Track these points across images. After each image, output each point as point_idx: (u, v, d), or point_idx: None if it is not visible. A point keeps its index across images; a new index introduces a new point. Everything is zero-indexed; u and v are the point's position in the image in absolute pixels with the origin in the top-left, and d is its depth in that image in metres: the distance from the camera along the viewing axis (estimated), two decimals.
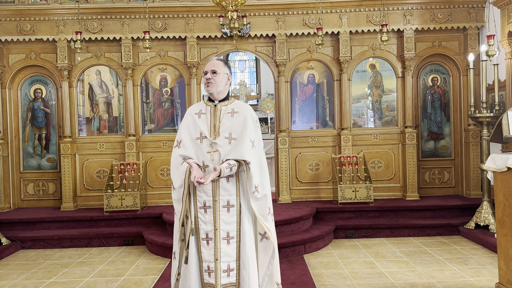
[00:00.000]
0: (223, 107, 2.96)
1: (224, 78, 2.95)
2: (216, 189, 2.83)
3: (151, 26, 6.81)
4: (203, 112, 2.96)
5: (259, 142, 2.96)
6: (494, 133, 4.22)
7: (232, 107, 2.97)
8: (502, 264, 3.56)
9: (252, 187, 2.81)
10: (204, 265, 2.85)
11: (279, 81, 7.02)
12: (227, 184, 2.84)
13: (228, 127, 2.87)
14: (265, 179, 2.91)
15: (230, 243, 2.84)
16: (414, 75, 7.05)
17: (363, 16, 6.84)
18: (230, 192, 2.85)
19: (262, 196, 2.86)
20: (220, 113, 2.94)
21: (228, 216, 2.84)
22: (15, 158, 7.06)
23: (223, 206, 2.84)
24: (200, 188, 2.83)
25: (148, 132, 7.10)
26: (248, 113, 2.94)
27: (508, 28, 5.82)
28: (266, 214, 2.89)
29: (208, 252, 2.84)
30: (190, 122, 2.93)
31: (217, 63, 2.96)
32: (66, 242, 5.92)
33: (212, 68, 2.92)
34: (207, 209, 2.84)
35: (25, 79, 7.08)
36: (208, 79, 2.90)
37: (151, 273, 4.74)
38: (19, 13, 6.72)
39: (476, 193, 6.76)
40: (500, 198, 3.57)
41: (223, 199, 2.84)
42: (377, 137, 7.01)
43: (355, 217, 6.28)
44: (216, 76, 2.90)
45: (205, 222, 2.84)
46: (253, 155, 2.81)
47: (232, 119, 2.90)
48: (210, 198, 2.84)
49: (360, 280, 4.32)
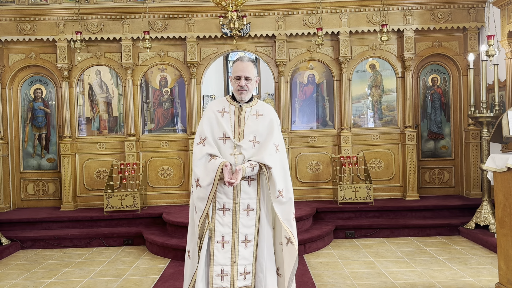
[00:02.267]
0: (248, 108, 2.88)
1: (255, 82, 2.88)
2: (237, 191, 2.78)
3: (151, 26, 6.81)
4: (226, 111, 2.87)
5: (283, 146, 2.91)
6: (494, 133, 4.22)
7: (257, 108, 2.91)
8: (502, 264, 3.56)
9: (276, 191, 2.76)
10: (216, 269, 2.77)
11: (279, 81, 7.02)
12: (248, 187, 2.80)
13: (253, 130, 2.81)
14: (289, 183, 2.85)
15: (248, 246, 2.80)
16: (414, 75, 7.05)
17: (363, 16, 6.84)
18: (250, 195, 2.81)
19: (287, 200, 2.81)
20: (244, 114, 2.86)
21: (247, 219, 2.80)
22: (15, 158, 7.06)
23: (243, 209, 2.80)
24: (221, 189, 2.76)
25: (148, 132, 7.10)
26: (273, 116, 2.91)
27: (508, 28, 5.82)
28: (290, 219, 2.84)
29: (223, 255, 2.77)
30: (213, 120, 2.83)
31: (249, 68, 2.82)
32: (66, 242, 5.91)
33: (246, 74, 2.80)
34: (225, 211, 2.79)
35: (25, 79, 7.08)
36: (242, 87, 2.80)
37: (151, 273, 4.74)
38: (19, 13, 6.72)
39: (476, 193, 6.76)
40: (500, 198, 3.57)
41: (243, 202, 2.80)
42: (377, 137, 7.01)
43: (355, 217, 6.28)
44: (250, 82, 2.82)
45: (223, 225, 2.78)
46: (275, 159, 2.76)
47: (257, 122, 2.84)
48: (230, 200, 2.79)
49: (360, 280, 4.32)
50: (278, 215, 2.80)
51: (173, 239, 5.38)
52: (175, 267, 4.90)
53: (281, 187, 2.77)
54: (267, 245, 2.84)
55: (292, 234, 2.83)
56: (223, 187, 2.76)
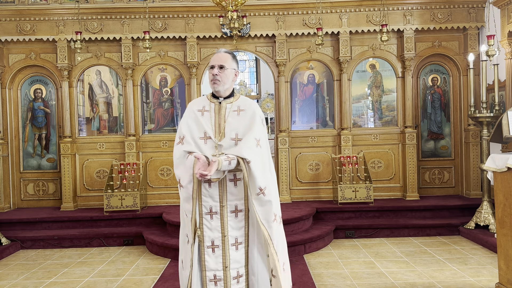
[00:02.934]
0: (228, 105, 2.73)
1: (231, 74, 2.71)
2: (223, 194, 2.67)
3: (151, 26, 6.81)
4: (207, 109, 2.74)
5: (265, 142, 2.73)
6: (494, 133, 4.22)
7: (238, 104, 2.75)
8: (502, 264, 3.56)
9: (256, 188, 2.58)
10: (209, 274, 2.68)
11: (279, 81, 7.02)
12: (234, 188, 2.68)
13: (234, 127, 2.67)
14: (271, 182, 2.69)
15: (239, 249, 2.70)
16: (414, 75, 7.04)
17: (363, 16, 6.84)
18: (237, 196, 2.69)
19: (269, 200, 2.63)
20: (225, 111, 2.72)
21: (236, 221, 2.69)
22: (15, 158, 7.06)
23: (231, 212, 2.68)
24: (206, 193, 2.65)
25: (148, 132, 7.10)
26: (256, 110, 2.73)
27: (508, 28, 5.82)
28: (270, 221, 2.66)
29: (215, 260, 2.67)
30: (192, 119, 2.72)
31: (225, 57, 2.70)
32: (66, 242, 5.91)
33: (220, 62, 2.67)
34: (213, 215, 2.67)
35: (25, 79, 7.08)
36: (214, 76, 2.66)
37: (151, 273, 4.74)
38: (19, 13, 6.72)
39: (476, 193, 6.76)
40: (500, 198, 3.57)
41: (230, 204, 2.68)
42: (377, 137, 7.01)
43: (355, 217, 6.28)
44: (224, 72, 2.66)
45: (211, 229, 2.67)
46: (255, 153, 2.59)
47: (239, 118, 2.69)
48: (217, 203, 2.67)
49: (360, 280, 4.32)
50: (258, 215, 2.62)
51: (173, 239, 5.38)
52: (175, 267, 4.89)
53: (262, 184, 2.59)
54: (257, 246, 2.73)
55: (270, 237, 2.64)
56: (208, 190, 2.64)
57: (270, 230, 2.65)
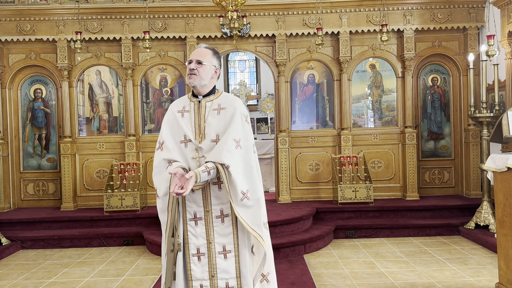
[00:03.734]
0: (208, 103, 2.56)
1: (210, 70, 2.54)
2: (207, 198, 2.51)
3: (151, 26, 6.81)
4: (187, 109, 2.57)
5: (247, 140, 2.51)
6: (494, 133, 4.22)
7: (219, 102, 2.57)
8: (502, 264, 3.56)
9: (238, 193, 2.40)
10: (195, 284, 2.52)
11: (279, 81, 7.02)
12: (219, 191, 2.50)
13: (214, 127, 2.50)
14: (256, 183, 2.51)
15: (228, 257, 2.51)
16: (414, 75, 7.04)
17: (363, 16, 6.84)
18: (223, 200, 2.50)
19: (254, 202, 2.46)
20: (205, 110, 2.55)
21: (223, 227, 2.51)
22: (15, 158, 7.06)
23: (216, 217, 2.51)
24: (189, 198, 2.50)
25: (148, 132, 7.10)
26: (238, 107, 2.53)
27: (508, 28, 5.82)
28: (261, 225, 2.48)
29: (200, 269, 2.51)
30: (172, 122, 2.56)
31: (204, 52, 2.55)
32: (66, 242, 5.91)
33: (198, 57, 2.52)
34: (198, 221, 2.51)
35: (25, 79, 7.08)
36: (191, 70, 2.50)
37: (151, 273, 4.74)
38: (19, 13, 6.72)
39: (476, 193, 6.75)
40: (500, 198, 3.57)
41: (215, 208, 2.51)
42: (377, 137, 7.01)
43: (355, 217, 6.28)
44: (202, 67, 2.51)
45: (196, 236, 2.51)
46: (235, 157, 2.41)
47: (219, 118, 2.52)
48: (201, 208, 2.51)
49: (360, 280, 4.32)
50: (245, 222, 2.42)
51: None
52: None
53: (244, 188, 2.42)
54: (249, 254, 2.53)
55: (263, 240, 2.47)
56: (191, 195, 2.49)
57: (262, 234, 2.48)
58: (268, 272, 2.60)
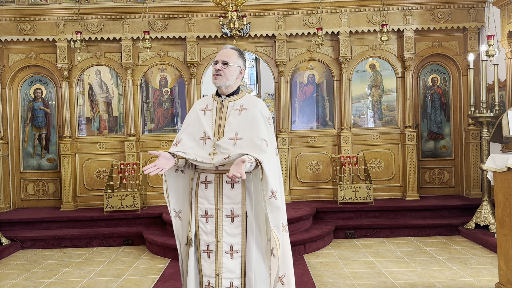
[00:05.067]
0: (230, 103, 2.62)
1: (236, 71, 2.60)
2: (219, 196, 2.54)
3: (151, 26, 6.81)
4: (209, 108, 2.64)
5: (272, 143, 2.58)
6: (494, 133, 4.22)
7: (241, 102, 2.61)
8: (502, 264, 3.56)
9: (268, 191, 2.41)
10: (204, 280, 2.57)
11: (279, 81, 7.02)
12: (231, 191, 2.53)
13: (234, 126, 2.54)
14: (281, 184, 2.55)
15: (234, 257, 2.54)
16: (414, 75, 7.04)
17: (363, 16, 6.84)
18: (234, 200, 2.54)
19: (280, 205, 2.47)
20: (227, 110, 2.60)
21: (232, 227, 2.54)
22: (15, 158, 7.06)
23: (226, 216, 2.54)
24: (202, 194, 2.57)
25: (148, 132, 7.10)
26: (259, 109, 2.58)
27: (508, 28, 5.82)
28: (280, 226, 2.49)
29: (209, 266, 2.56)
30: (193, 120, 2.64)
31: (230, 53, 2.60)
32: (66, 242, 5.91)
33: (224, 58, 2.57)
34: (208, 218, 2.56)
35: (25, 79, 7.08)
36: (217, 70, 2.55)
37: (151, 273, 4.74)
38: (19, 13, 6.72)
39: (476, 193, 6.76)
40: (500, 198, 3.57)
41: (226, 207, 2.54)
42: (377, 137, 7.01)
43: (355, 217, 6.28)
44: (228, 68, 2.56)
45: (206, 233, 2.56)
46: (267, 155, 2.44)
47: (239, 117, 2.56)
48: (212, 206, 2.55)
49: (360, 280, 4.32)
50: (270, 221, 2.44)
51: (173, 239, 5.37)
52: (175, 267, 4.89)
53: (274, 187, 2.43)
54: (256, 256, 2.54)
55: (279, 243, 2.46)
56: (204, 191, 2.56)
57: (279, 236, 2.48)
58: (284, 274, 2.57)
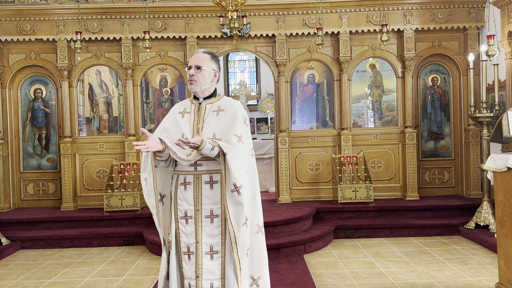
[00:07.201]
0: (208, 105, 2.65)
1: (210, 74, 2.63)
2: (198, 197, 2.55)
3: (151, 26, 6.81)
4: (187, 111, 2.68)
5: (247, 140, 2.58)
6: (494, 133, 4.22)
7: (219, 104, 2.65)
8: (502, 264, 3.56)
9: (231, 184, 2.42)
10: (185, 283, 2.56)
11: (279, 81, 7.02)
12: (210, 191, 2.54)
13: (212, 127, 2.57)
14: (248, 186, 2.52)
15: (214, 258, 2.54)
16: (414, 75, 7.04)
17: (363, 16, 6.84)
18: (213, 200, 2.54)
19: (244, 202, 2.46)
20: (204, 112, 2.63)
21: (212, 227, 2.54)
22: (15, 158, 7.06)
23: (206, 216, 2.54)
24: (181, 196, 2.57)
25: (148, 132, 7.09)
26: (237, 109, 2.61)
27: (508, 28, 5.82)
28: (240, 224, 2.48)
29: (190, 268, 2.54)
30: (171, 122, 2.67)
31: (203, 57, 2.62)
32: (66, 242, 5.91)
33: (197, 63, 2.59)
34: (188, 219, 2.56)
35: (25, 79, 7.08)
36: (191, 76, 2.58)
37: (151, 273, 4.74)
38: (19, 13, 6.72)
39: (476, 193, 6.75)
40: (500, 198, 3.57)
41: (205, 208, 2.54)
42: (377, 137, 7.01)
43: (355, 217, 6.28)
44: (201, 72, 2.59)
45: (186, 234, 2.56)
46: (235, 149, 2.44)
47: (217, 118, 2.59)
48: (191, 207, 2.55)
49: (360, 280, 4.32)
50: (229, 214, 2.45)
51: None
52: None
53: (238, 182, 2.42)
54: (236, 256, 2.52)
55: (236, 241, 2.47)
56: (183, 193, 2.56)
57: (238, 233, 2.48)
58: (259, 276, 2.62)
